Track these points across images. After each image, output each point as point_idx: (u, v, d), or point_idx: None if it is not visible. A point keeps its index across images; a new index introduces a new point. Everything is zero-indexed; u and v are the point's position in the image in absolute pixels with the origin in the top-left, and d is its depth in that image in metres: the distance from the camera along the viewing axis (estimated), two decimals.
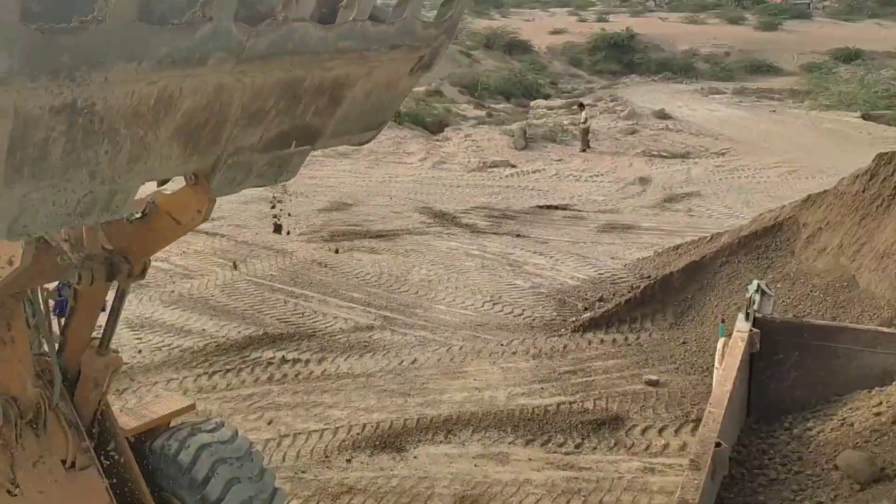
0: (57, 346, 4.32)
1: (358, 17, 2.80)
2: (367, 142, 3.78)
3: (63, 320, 4.37)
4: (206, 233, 14.37)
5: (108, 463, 4.30)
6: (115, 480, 4.27)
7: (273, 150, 3.12)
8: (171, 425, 4.79)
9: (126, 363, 9.22)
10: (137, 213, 3.62)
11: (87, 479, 4.13)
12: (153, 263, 11.57)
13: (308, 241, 13.88)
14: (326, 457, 7.33)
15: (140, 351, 9.37)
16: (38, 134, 2.11)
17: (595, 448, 7.47)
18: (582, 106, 24.02)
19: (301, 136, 3.22)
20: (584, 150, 21.93)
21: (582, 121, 22.47)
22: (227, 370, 9.01)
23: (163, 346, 9.63)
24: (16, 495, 3.83)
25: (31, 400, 3.91)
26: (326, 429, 7.78)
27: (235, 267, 12.28)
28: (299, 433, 7.71)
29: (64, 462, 4.06)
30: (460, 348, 9.60)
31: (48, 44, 1.95)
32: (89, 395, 4.28)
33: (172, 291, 11.45)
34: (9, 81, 1.92)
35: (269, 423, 7.87)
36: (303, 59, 2.73)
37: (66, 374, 4.25)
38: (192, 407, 5.07)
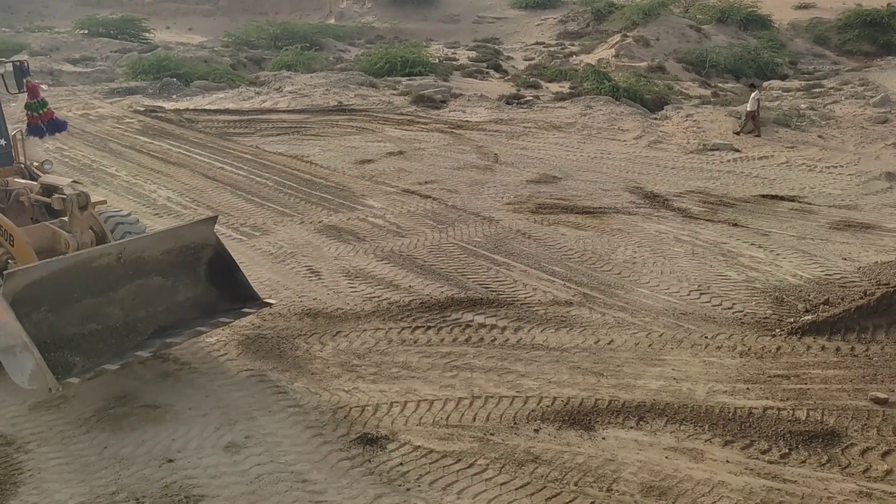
0: None
1: None
2: None
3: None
4: (420, 195, 15.06)
5: None
6: None
7: None
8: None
9: (339, 309, 10.00)
10: None
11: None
12: (371, 220, 12.44)
13: (514, 212, 14.04)
14: (515, 423, 7.45)
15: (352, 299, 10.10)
16: None
17: (804, 462, 6.86)
18: (753, 87, 21.69)
19: None
20: (757, 136, 20.01)
21: (750, 104, 20.41)
22: (428, 327, 9.43)
23: (373, 297, 10.30)
24: None
25: None
26: (517, 396, 7.89)
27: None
28: (490, 397, 7.90)
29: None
30: (660, 335, 9.23)
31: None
32: None
33: (385, 247, 12.17)
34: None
35: (462, 383, 8.15)
36: None
37: None
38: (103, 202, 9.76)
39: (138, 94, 26.00)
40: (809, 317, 9.48)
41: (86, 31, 40.70)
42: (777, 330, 9.35)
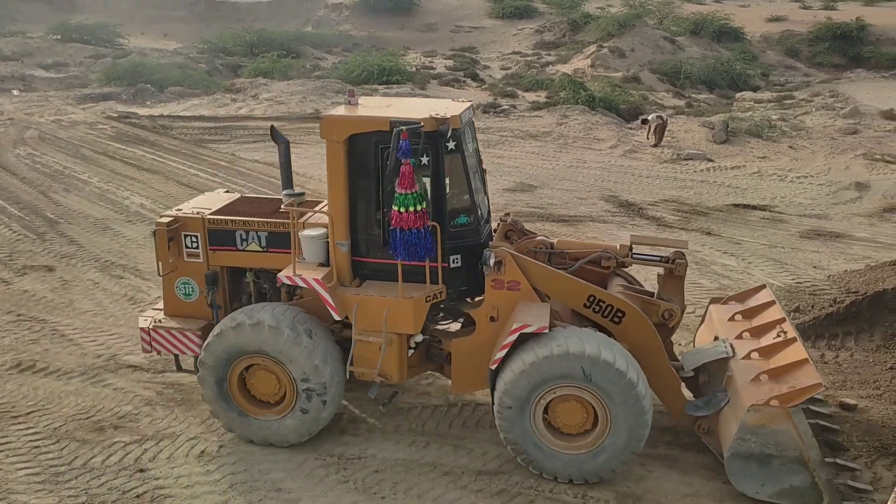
0: None
1: None
2: None
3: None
4: None
5: None
6: None
7: None
8: None
9: None
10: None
11: None
12: None
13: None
14: (492, 430, 7.43)
15: None
16: None
17: None
18: (646, 121, 21.65)
19: None
20: (654, 145, 20.36)
21: (652, 119, 20.77)
22: None
23: None
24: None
25: None
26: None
27: None
28: (466, 404, 7.87)
29: None
30: None
31: None
32: None
33: None
34: None
35: (438, 390, 8.12)
36: None
37: None
38: None
39: (112, 100, 25.70)
40: None
41: (59, 37, 40.18)
42: None
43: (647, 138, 20.90)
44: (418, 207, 6.40)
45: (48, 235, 13.31)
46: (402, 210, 6.37)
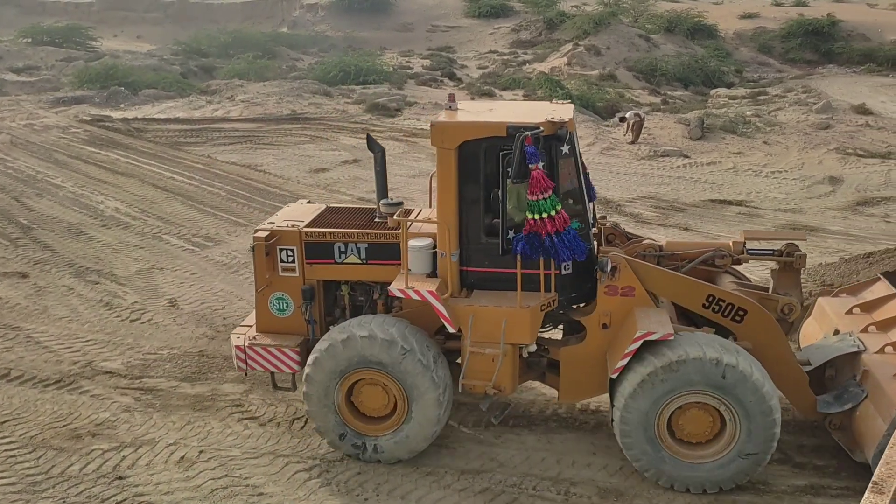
0: None
1: None
2: None
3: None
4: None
5: None
6: None
7: None
8: None
9: None
10: None
11: None
12: None
13: None
14: (474, 429, 7.40)
15: None
16: None
17: None
18: (624, 119, 21.88)
19: None
20: (631, 142, 20.56)
21: (630, 115, 21.02)
22: None
23: None
24: None
25: None
26: (478, 402, 7.87)
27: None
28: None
29: None
30: None
31: None
32: None
33: None
34: None
35: None
36: None
37: None
38: None
39: (85, 104, 25.36)
40: None
41: (29, 40, 39.55)
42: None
43: (625, 136, 21.03)
44: (557, 210, 6.25)
45: (21, 241, 13.10)
46: (540, 216, 6.22)
